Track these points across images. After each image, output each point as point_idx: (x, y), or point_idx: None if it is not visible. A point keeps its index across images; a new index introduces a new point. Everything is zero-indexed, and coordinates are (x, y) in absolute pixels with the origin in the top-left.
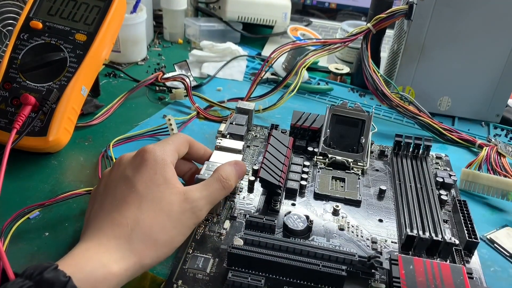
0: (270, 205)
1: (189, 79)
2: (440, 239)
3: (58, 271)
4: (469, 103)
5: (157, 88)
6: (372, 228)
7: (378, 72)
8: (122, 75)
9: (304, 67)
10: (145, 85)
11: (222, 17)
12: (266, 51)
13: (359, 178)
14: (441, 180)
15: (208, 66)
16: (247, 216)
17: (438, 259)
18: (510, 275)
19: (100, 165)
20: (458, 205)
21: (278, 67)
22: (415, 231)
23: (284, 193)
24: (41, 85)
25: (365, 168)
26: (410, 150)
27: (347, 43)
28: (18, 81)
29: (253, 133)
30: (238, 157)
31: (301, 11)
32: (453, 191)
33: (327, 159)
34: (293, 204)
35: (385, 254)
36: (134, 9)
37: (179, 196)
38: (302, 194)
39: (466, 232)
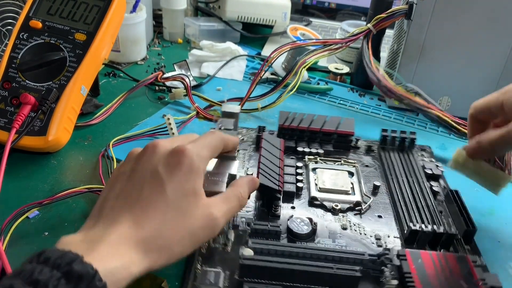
0: (270, 211)
1: (188, 78)
2: (442, 231)
3: (85, 263)
4: (469, 103)
5: (157, 87)
6: (373, 225)
7: (379, 67)
8: (121, 74)
9: (304, 67)
10: (144, 84)
11: (221, 17)
12: (266, 51)
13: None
14: (429, 172)
15: (207, 65)
16: (251, 224)
17: (441, 251)
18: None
19: (100, 165)
20: (451, 195)
21: (278, 67)
22: (417, 225)
23: (281, 196)
24: (41, 84)
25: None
26: (397, 144)
27: (348, 43)
28: (18, 81)
29: (240, 136)
30: (235, 163)
31: (300, 11)
32: (442, 181)
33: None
34: (293, 207)
35: (393, 250)
36: (134, 8)
37: (203, 210)
38: (299, 196)
39: (463, 221)
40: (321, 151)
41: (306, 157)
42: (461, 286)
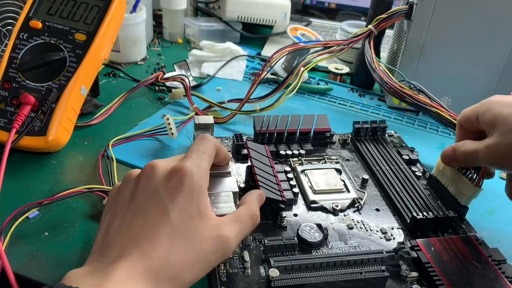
0: (275, 223)
1: (188, 79)
2: (443, 216)
3: None
4: (469, 103)
5: (157, 88)
6: (374, 219)
7: (381, 64)
8: (121, 74)
9: (306, 69)
10: (145, 85)
11: (221, 17)
12: (266, 51)
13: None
14: (407, 157)
15: (207, 66)
16: (264, 241)
17: (445, 234)
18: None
19: (100, 165)
20: (435, 178)
21: (278, 67)
22: (420, 214)
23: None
24: (41, 84)
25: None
26: (370, 134)
27: (350, 45)
28: (18, 81)
29: None
30: (232, 180)
31: (300, 11)
32: (419, 165)
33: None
34: (295, 215)
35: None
36: (134, 8)
37: (211, 232)
38: (296, 202)
39: (455, 202)
40: (302, 151)
41: (290, 159)
42: (476, 266)
